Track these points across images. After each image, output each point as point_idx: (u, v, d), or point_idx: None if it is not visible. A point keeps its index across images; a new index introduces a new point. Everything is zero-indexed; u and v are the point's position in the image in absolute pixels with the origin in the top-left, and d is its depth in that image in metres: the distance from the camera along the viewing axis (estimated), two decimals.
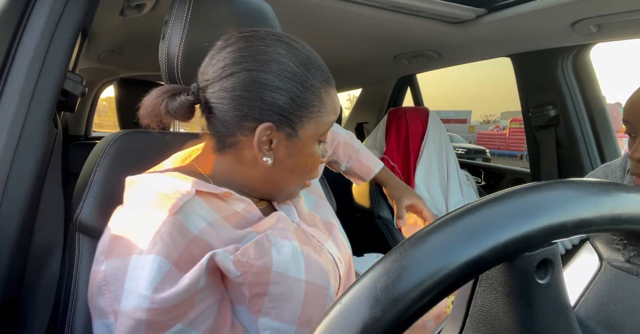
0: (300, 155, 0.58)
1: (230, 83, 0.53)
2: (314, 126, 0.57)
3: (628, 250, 0.32)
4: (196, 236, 0.51)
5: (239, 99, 0.53)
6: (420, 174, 1.84)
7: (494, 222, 0.22)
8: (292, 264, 0.55)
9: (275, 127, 0.54)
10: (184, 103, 0.55)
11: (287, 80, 0.54)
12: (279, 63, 0.54)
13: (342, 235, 0.73)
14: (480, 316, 0.27)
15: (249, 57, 0.53)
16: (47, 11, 0.61)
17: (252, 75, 0.53)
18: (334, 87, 0.60)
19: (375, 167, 1.03)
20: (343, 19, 1.28)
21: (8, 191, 0.59)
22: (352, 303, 0.22)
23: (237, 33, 0.57)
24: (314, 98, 0.56)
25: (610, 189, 0.26)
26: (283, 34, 0.58)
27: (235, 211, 0.57)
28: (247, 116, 0.54)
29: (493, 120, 35.85)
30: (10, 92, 0.59)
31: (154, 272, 0.46)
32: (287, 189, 0.63)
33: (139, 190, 0.55)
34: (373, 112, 2.46)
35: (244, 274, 0.51)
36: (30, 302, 0.64)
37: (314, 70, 0.56)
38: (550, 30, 1.25)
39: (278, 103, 0.54)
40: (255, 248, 0.52)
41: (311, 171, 0.62)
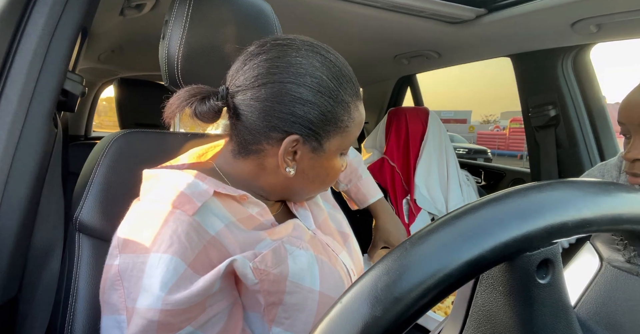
0: (323, 168, 0.58)
1: (262, 94, 0.53)
2: (339, 140, 0.57)
3: (628, 250, 0.32)
4: (213, 238, 0.51)
5: (269, 110, 0.53)
6: (420, 174, 1.84)
7: (495, 222, 0.22)
8: (307, 274, 0.54)
9: (302, 140, 0.54)
10: (213, 108, 0.55)
11: (319, 95, 0.53)
12: (314, 77, 0.53)
13: (356, 246, 0.72)
14: (480, 315, 0.27)
15: (283, 68, 0.53)
16: (47, 11, 0.61)
17: (285, 88, 0.52)
18: (361, 100, 0.60)
19: (371, 197, 1.00)
20: (343, 19, 1.28)
21: (8, 191, 0.59)
22: (352, 302, 0.22)
23: (271, 40, 0.56)
24: (344, 113, 0.55)
25: (611, 189, 0.26)
26: (318, 45, 0.57)
27: (250, 215, 0.57)
28: (276, 127, 0.53)
29: (493, 120, 35.84)
30: (10, 92, 0.59)
31: (170, 273, 0.46)
32: (306, 195, 0.63)
33: (157, 185, 0.54)
34: (373, 112, 2.46)
35: (262, 282, 0.50)
36: (30, 302, 0.64)
37: (346, 84, 0.56)
38: (550, 30, 1.25)
39: (308, 117, 0.53)
40: (273, 255, 0.52)
41: (331, 182, 0.62)
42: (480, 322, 0.27)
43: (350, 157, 0.98)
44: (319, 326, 0.22)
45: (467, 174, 1.96)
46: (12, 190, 0.59)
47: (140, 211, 0.52)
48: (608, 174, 0.90)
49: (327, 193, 0.78)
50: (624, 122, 0.73)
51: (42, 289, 0.66)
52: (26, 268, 0.64)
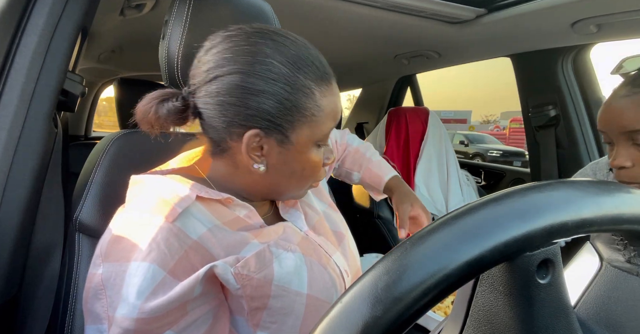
0: (296, 161, 0.55)
1: (214, 88, 0.51)
2: (308, 131, 0.53)
3: (628, 250, 0.32)
4: (195, 242, 0.50)
5: (223, 104, 0.51)
6: (420, 174, 1.84)
7: (495, 222, 0.22)
8: (295, 277, 0.53)
9: (264, 133, 0.51)
10: (172, 109, 0.53)
11: (272, 83, 0.50)
12: (263, 64, 0.50)
13: (353, 246, 0.70)
14: (480, 315, 0.27)
15: (231, 58, 0.50)
16: (47, 11, 0.61)
17: (234, 79, 0.50)
18: (334, 84, 0.55)
19: (385, 175, 0.92)
20: (343, 19, 1.28)
21: (8, 191, 0.59)
22: (353, 302, 0.22)
23: (223, 32, 0.53)
24: (307, 100, 0.51)
25: (611, 189, 0.26)
26: (272, 30, 0.53)
27: (237, 217, 0.56)
28: (232, 122, 0.51)
29: (493, 120, 35.85)
30: (10, 92, 0.59)
31: (147, 281, 0.45)
32: (289, 192, 0.60)
33: (140, 193, 0.54)
34: (373, 112, 2.46)
35: (244, 287, 0.49)
36: (30, 302, 0.64)
37: (305, 68, 0.51)
38: (550, 30, 1.25)
39: (264, 108, 0.50)
40: (256, 260, 0.51)
41: (312, 176, 0.59)
42: (480, 322, 0.27)
43: (355, 144, 0.96)
44: (319, 326, 0.22)
45: (467, 174, 1.96)
46: (12, 190, 0.59)
47: (123, 220, 0.51)
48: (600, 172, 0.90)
49: (322, 191, 0.77)
50: (604, 130, 0.73)
51: (42, 289, 0.66)
52: (26, 268, 0.64)
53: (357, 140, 0.98)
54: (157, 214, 0.49)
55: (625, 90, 0.69)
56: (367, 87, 2.51)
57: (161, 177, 0.55)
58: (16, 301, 0.62)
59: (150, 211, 0.50)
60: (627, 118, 0.68)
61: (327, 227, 0.67)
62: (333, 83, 0.55)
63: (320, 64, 0.53)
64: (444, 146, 1.87)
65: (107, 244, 0.49)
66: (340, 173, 0.99)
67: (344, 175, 0.98)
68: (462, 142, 12.34)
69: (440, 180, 1.85)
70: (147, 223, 0.49)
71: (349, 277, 0.62)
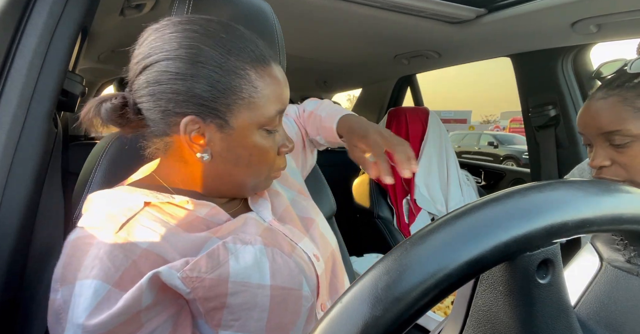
0: (241, 147, 0.53)
1: (143, 79, 0.50)
2: (248, 113, 0.51)
3: (628, 250, 0.32)
4: (145, 250, 0.48)
5: (154, 94, 0.49)
6: (420, 174, 1.84)
7: (495, 222, 0.22)
8: (254, 270, 0.51)
9: (201, 119, 0.50)
10: (109, 108, 0.52)
11: (201, 65, 0.48)
12: (190, 47, 0.48)
13: (324, 229, 0.68)
14: (480, 315, 0.27)
15: (158, 47, 0.49)
16: (47, 11, 0.61)
17: (161, 66, 0.49)
18: (274, 67, 0.53)
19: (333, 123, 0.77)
20: (343, 19, 1.28)
21: (8, 191, 0.59)
22: (353, 302, 0.22)
23: (153, 25, 0.53)
24: (242, 81, 0.50)
25: (612, 189, 0.26)
26: (202, 18, 0.52)
27: (197, 217, 0.54)
28: (167, 111, 0.50)
29: (493, 120, 35.86)
30: (10, 92, 0.59)
31: (89, 298, 0.44)
32: (245, 184, 0.57)
33: (90, 209, 0.53)
34: (373, 112, 2.46)
35: (195, 290, 0.47)
36: (30, 302, 0.64)
37: (237, 50, 0.50)
38: (550, 30, 1.25)
39: (195, 92, 0.48)
40: (208, 260, 0.49)
41: (263, 163, 0.56)
42: (480, 322, 0.27)
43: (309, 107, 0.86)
44: (319, 326, 0.22)
45: (467, 174, 1.96)
46: (12, 190, 0.59)
47: (72, 240, 0.49)
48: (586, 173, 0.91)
49: (289, 178, 0.74)
50: (583, 132, 0.75)
51: (42, 289, 0.66)
52: (26, 268, 0.64)
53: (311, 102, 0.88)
54: (101, 228, 0.48)
55: (601, 93, 0.72)
56: (367, 87, 2.51)
57: (109, 191, 0.54)
58: (16, 301, 0.62)
59: (96, 227, 0.49)
60: (603, 120, 0.70)
61: (294, 214, 0.66)
62: (272, 66, 0.53)
63: (255, 47, 0.52)
64: (444, 146, 1.88)
65: (60, 268, 0.48)
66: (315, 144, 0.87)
67: (315, 143, 0.87)
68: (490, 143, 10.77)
69: (440, 180, 1.85)
70: (93, 239, 0.48)
71: (319, 261, 0.61)
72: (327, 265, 0.64)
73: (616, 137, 0.69)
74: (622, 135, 0.68)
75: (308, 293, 0.55)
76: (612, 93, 0.70)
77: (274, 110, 0.53)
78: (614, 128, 0.69)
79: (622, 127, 0.68)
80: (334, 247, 0.68)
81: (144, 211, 0.51)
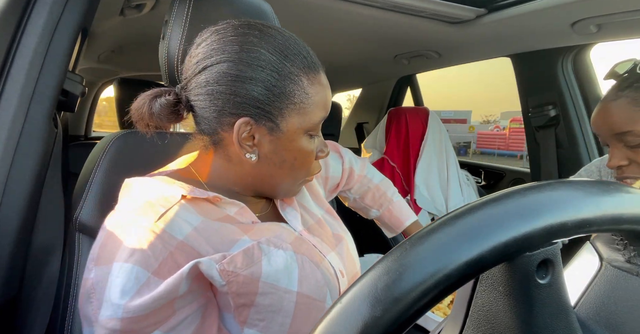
0: (287, 150, 0.55)
1: (203, 78, 0.52)
2: (298, 118, 0.53)
3: (628, 250, 0.32)
4: (181, 242, 0.49)
5: (213, 93, 0.51)
6: (420, 174, 1.84)
7: (495, 222, 0.22)
8: (284, 275, 0.52)
9: (254, 121, 0.52)
10: (164, 103, 0.53)
11: (260, 69, 0.50)
12: (251, 52, 0.51)
13: (352, 250, 0.69)
14: (480, 316, 0.27)
15: (219, 49, 0.51)
16: (47, 11, 0.61)
17: (222, 67, 0.51)
18: (322, 74, 0.56)
19: (406, 220, 0.95)
20: (343, 19, 1.28)
21: (8, 191, 0.59)
22: (352, 302, 0.22)
23: (211, 27, 0.55)
24: (295, 87, 0.52)
25: (611, 189, 0.26)
26: (260, 22, 0.54)
27: (226, 215, 0.55)
28: (223, 111, 0.52)
29: (493, 120, 35.85)
30: (10, 92, 0.59)
31: (131, 282, 0.45)
32: (282, 185, 0.59)
33: (128, 195, 0.54)
34: (373, 112, 2.46)
35: (229, 283, 0.49)
36: (30, 302, 0.64)
37: (292, 56, 0.52)
38: (550, 30, 1.25)
39: (253, 94, 0.51)
40: (244, 256, 0.50)
41: (304, 167, 0.58)
42: (480, 322, 0.27)
43: (375, 180, 0.96)
44: (319, 326, 0.22)
45: (467, 174, 1.96)
46: (12, 190, 0.59)
47: (110, 223, 0.51)
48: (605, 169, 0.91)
49: (320, 196, 0.76)
50: (598, 133, 0.76)
51: (42, 289, 0.66)
52: (26, 268, 0.64)
53: (378, 175, 0.98)
54: (141, 215, 0.50)
55: (612, 94, 0.72)
56: (367, 87, 2.51)
57: (149, 179, 0.55)
58: (16, 301, 0.62)
59: (135, 213, 0.50)
60: (614, 121, 0.71)
61: (323, 230, 0.67)
62: (321, 73, 0.56)
63: (307, 54, 0.54)
64: (444, 146, 1.88)
65: (97, 248, 0.50)
66: (358, 206, 0.99)
67: (361, 209, 0.99)
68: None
69: (440, 180, 1.85)
70: (132, 225, 0.49)
71: (344, 278, 0.62)
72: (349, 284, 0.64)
73: (628, 137, 0.69)
74: (634, 136, 0.69)
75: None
76: (622, 94, 0.70)
77: (320, 116, 0.55)
78: (625, 129, 0.69)
79: (634, 128, 0.68)
80: (358, 270, 0.69)
81: (180, 204, 0.52)
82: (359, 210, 1.01)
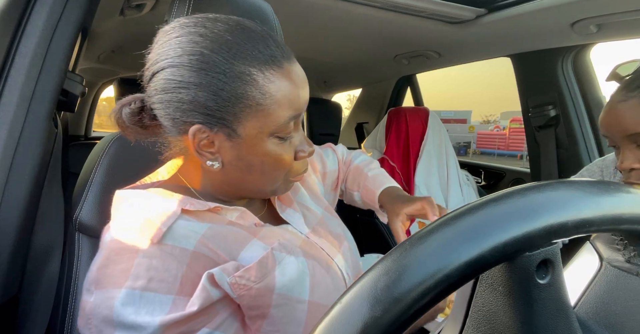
0: (252, 155, 0.51)
1: (153, 86, 0.49)
2: (256, 121, 0.48)
3: (628, 250, 0.32)
4: (194, 252, 0.48)
5: (163, 102, 0.48)
6: (420, 174, 1.84)
7: (495, 222, 0.22)
8: (297, 284, 0.51)
9: (208, 129, 0.48)
10: (128, 113, 0.51)
11: (204, 73, 0.46)
12: (193, 54, 0.46)
13: (354, 249, 0.68)
14: (480, 316, 0.27)
15: (164, 53, 0.48)
16: (47, 11, 0.61)
17: (166, 74, 0.47)
18: (290, 67, 0.49)
19: (378, 188, 0.79)
20: (343, 19, 1.28)
21: (8, 191, 0.59)
22: (352, 302, 0.22)
23: (164, 27, 0.51)
24: (248, 88, 0.46)
25: (611, 189, 0.25)
26: (209, 18, 0.49)
27: (229, 221, 0.54)
28: (175, 119, 0.48)
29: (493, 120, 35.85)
30: (10, 92, 0.59)
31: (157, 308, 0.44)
32: (261, 189, 0.56)
33: (124, 210, 0.51)
34: (373, 112, 2.45)
35: (241, 297, 0.48)
36: (30, 302, 0.64)
37: (243, 53, 0.46)
38: (550, 30, 1.25)
39: (199, 101, 0.46)
40: (258, 268, 0.48)
41: (278, 170, 0.53)
42: (480, 322, 0.27)
43: (356, 161, 0.88)
44: (319, 326, 0.22)
45: (467, 174, 1.96)
46: (12, 190, 0.59)
47: (110, 243, 0.49)
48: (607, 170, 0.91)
49: (318, 194, 0.74)
50: (607, 135, 0.75)
51: (42, 289, 0.66)
52: (26, 268, 0.64)
53: (362, 156, 0.90)
54: (143, 236, 0.47)
55: (621, 95, 0.71)
56: (367, 87, 2.51)
57: (144, 193, 0.52)
58: (16, 301, 0.62)
59: (137, 233, 0.48)
60: (627, 123, 0.70)
61: (327, 230, 0.65)
62: (287, 67, 0.49)
63: (265, 48, 0.48)
64: (444, 146, 1.88)
65: (97, 269, 0.48)
66: (346, 196, 0.90)
67: (349, 198, 0.89)
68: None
69: (440, 180, 1.85)
70: (136, 246, 0.47)
71: (351, 280, 0.61)
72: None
73: None
74: None
75: None
76: (632, 95, 0.69)
77: (285, 117, 0.49)
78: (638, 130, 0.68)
79: None
80: (360, 269, 0.68)
81: (181, 217, 0.51)
82: (350, 201, 0.90)
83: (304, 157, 0.56)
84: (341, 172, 0.87)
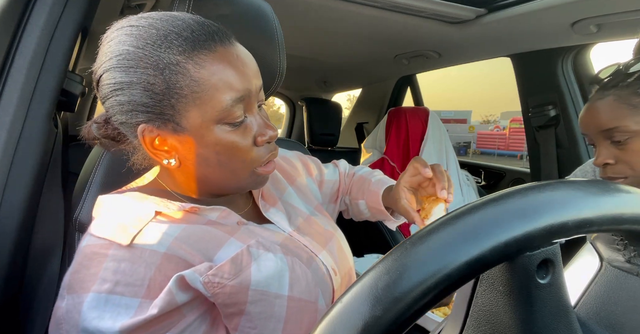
0: (204, 147, 0.49)
1: (100, 95, 0.49)
2: (197, 110, 0.47)
3: (628, 250, 0.32)
4: (165, 254, 0.48)
5: (109, 109, 0.49)
6: None
7: (495, 222, 0.22)
8: (274, 280, 0.51)
9: (153, 127, 0.48)
10: (95, 127, 0.52)
11: (132, 71, 0.45)
12: (119, 54, 0.45)
13: (344, 246, 0.68)
14: (480, 315, 0.27)
15: (99, 60, 0.48)
16: (47, 11, 0.61)
17: (104, 80, 0.47)
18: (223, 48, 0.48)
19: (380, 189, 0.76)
20: (343, 19, 1.28)
21: (8, 191, 0.59)
22: (353, 302, 0.22)
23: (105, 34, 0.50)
24: (179, 78, 0.45)
25: (612, 189, 0.26)
26: (141, 15, 0.49)
27: (209, 220, 0.54)
28: (124, 123, 0.49)
29: (493, 120, 35.87)
30: (10, 92, 0.59)
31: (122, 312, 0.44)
32: (227, 184, 0.54)
33: (101, 216, 0.52)
34: (373, 112, 2.45)
35: (215, 295, 0.47)
36: (30, 302, 0.64)
37: (168, 43, 0.45)
38: (550, 30, 1.25)
39: (135, 100, 0.46)
40: (232, 265, 0.48)
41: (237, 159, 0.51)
42: (480, 322, 0.27)
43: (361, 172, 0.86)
44: (319, 326, 0.22)
45: (467, 174, 1.96)
46: (12, 190, 0.59)
47: (84, 248, 0.48)
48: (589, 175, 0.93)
49: (309, 193, 0.74)
50: (585, 133, 0.79)
51: (42, 289, 0.66)
52: (26, 268, 0.64)
53: (365, 168, 0.89)
54: (115, 240, 0.47)
55: (599, 93, 0.76)
56: (367, 87, 2.51)
57: (120, 197, 0.53)
58: (16, 301, 0.62)
59: (110, 237, 0.48)
60: (601, 118, 0.74)
61: (313, 228, 0.65)
62: (219, 49, 0.47)
63: (191, 33, 0.46)
64: (444, 146, 1.88)
65: (69, 274, 0.47)
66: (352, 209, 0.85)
67: (355, 209, 0.83)
68: None
69: None
70: (104, 250, 0.47)
71: (337, 276, 0.60)
72: (344, 281, 0.63)
73: (615, 133, 0.72)
74: (621, 132, 0.71)
75: (323, 307, 0.55)
76: (608, 93, 0.74)
77: (227, 100, 0.47)
78: (612, 125, 0.72)
79: (620, 124, 0.71)
80: (351, 265, 0.67)
81: (155, 219, 0.50)
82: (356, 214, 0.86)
83: (264, 140, 0.52)
84: (342, 184, 0.87)
